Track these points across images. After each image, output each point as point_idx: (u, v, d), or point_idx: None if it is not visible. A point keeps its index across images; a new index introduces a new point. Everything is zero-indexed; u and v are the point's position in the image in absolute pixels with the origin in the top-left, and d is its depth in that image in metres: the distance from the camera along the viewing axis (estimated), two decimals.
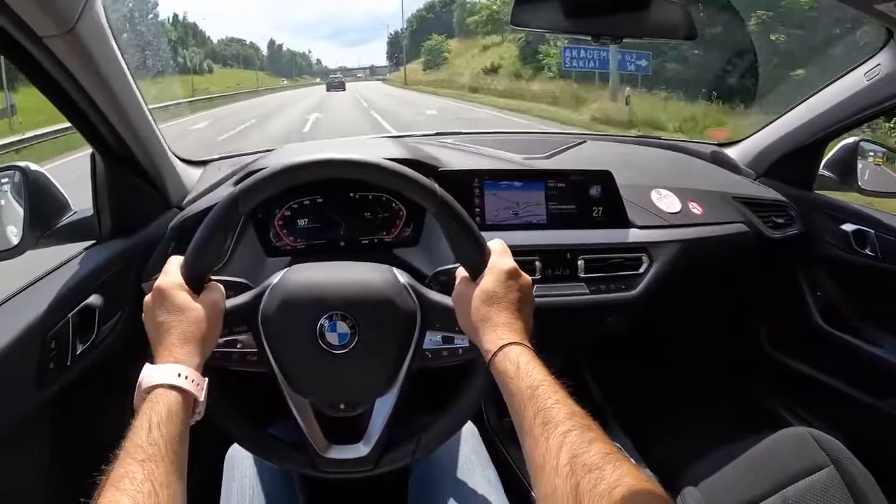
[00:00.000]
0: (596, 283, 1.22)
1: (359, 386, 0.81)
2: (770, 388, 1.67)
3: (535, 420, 0.57)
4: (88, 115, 0.96)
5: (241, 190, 0.73)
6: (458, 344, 0.79)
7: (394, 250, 1.20)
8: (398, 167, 0.75)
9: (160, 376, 0.63)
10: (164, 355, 0.66)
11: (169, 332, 0.68)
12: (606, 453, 0.52)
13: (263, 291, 0.79)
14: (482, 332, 0.69)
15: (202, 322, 0.70)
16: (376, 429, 0.81)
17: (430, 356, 0.79)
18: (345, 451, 0.82)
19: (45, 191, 1.06)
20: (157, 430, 0.58)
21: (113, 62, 0.93)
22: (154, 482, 0.53)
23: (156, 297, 0.71)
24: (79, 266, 1.02)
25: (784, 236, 1.44)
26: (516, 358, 0.64)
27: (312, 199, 1.19)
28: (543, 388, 0.60)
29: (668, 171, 1.48)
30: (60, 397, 0.91)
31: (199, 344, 0.69)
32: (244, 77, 69.65)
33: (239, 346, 0.78)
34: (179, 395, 0.63)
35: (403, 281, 0.80)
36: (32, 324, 0.86)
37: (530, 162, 1.36)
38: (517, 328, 0.69)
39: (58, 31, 0.79)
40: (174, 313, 0.69)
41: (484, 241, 0.75)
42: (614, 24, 1.04)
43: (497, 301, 0.70)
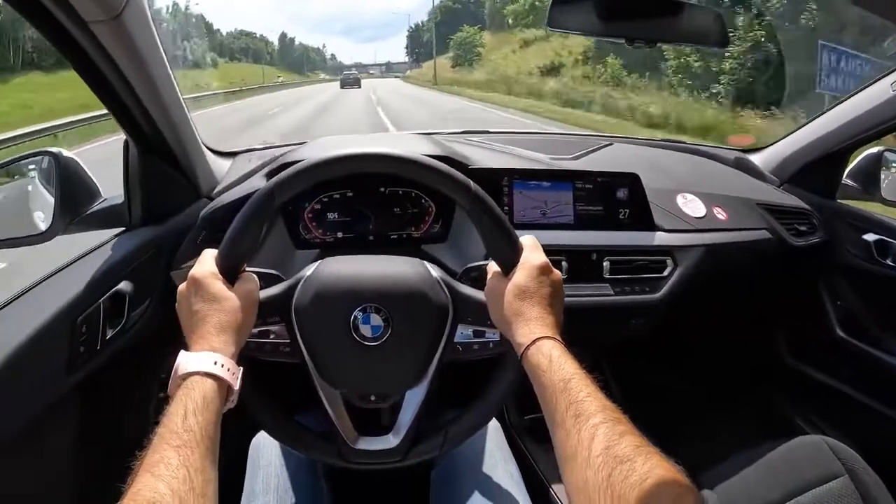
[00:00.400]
0: (621, 284, 1.22)
1: (390, 378, 0.82)
2: (787, 396, 1.67)
3: (567, 412, 0.58)
4: (126, 102, 0.97)
5: (278, 182, 0.74)
6: (488, 338, 0.80)
7: (422, 246, 1.21)
8: (433, 162, 0.75)
9: (196, 363, 0.64)
10: (199, 343, 0.67)
11: (205, 321, 0.69)
12: (637, 445, 0.53)
13: (297, 283, 0.79)
14: (515, 326, 0.70)
15: (238, 311, 0.70)
16: (406, 421, 0.82)
17: (461, 349, 0.80)
18: (374, 442, 0.83)
19: (75, 177, 1.07)
20: (192, 416, 0.59)
21: (154, 50, 0.94)
22: (189, 468, 0.54)
23: (191, 286, 0.71)
24: (109, 252, 1.03)
25: (806, 244, 1.43)
26: (549, 351, 0.65)
27: (343, 193, 1.20)
28: (575, 381, 0.61)
29: (694, 176, 1.49)
30: (90, 381, 0.92)
31: (234, 333, 0.69)
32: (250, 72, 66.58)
33: (272, 336, 0.79)
34: (215, 383, 0.63)
35: (436, 275, 0.81)
36: (64, 308, 0.87)
37: (558, 162, 1.36)
38: (549, 322, 0.70)
39: (104, 17, 0.79)
40: (210, 302, 0.70)
41: (516, 236, 0.76)
42: (648, 28, 1.05)
43: (529, 296, 0.71)
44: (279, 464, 0.97)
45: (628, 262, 1.23)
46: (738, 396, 1.75)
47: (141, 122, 1.02)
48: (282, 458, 0.98)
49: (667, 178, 1.41)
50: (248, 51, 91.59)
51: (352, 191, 1.20)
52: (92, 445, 0.97)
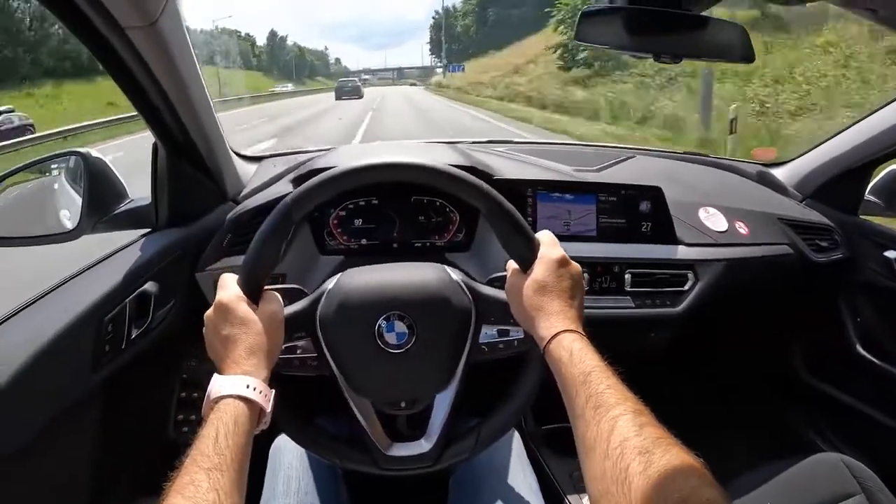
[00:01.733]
0: (642, 297, 1.22)
1: (418, 383, 0.83)
2: (805, 412, 1.66)
3: (587, 404, 0.58)
4: (157, 105, 0.98)
5: (294, 198, 0.75)
6: (513, 336, 0.80)
7: (446, 254, 1.21)
8: (443, 166, 0.76)
9: (229, 387, 0.65)
10: (231, 367, 0.67)
11: (235, 345, 0.69)
12: (657, 437, 0.53)
13: (320, 297, 0.80)
14: (536, 321, 0.70)
15: (265, 332, 0.71)
16: (437, 424, 0.82)
17: (487, 349, 0.81)
18: (407, 447, 0.83)
19: (103, 177, 1.09)
20: (224, 440, 0.59)
21: (187, 56, 0.96)
22: (219, 491, 0.54)
23: (218, 311, 0.72)
24: (136, 253, 1.05)
25: (827, 260, 1.43)
26: (570, 345, 0.65)
27: (368, 200, 1.21)
28: (596, 373, 0.61)
29: (716, 190, 1.48)
30: (114, 380, 0.93)
31: (264, 355, 0.70)
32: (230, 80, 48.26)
33: (299, 351, 0.80)
34: (247, 406, 0.64)
35: (456, 278, 0.81)
36: (91, 307, 0.89)
37: (581, 174, 1.37)
38: (570, 316, 0.70)
39: (141, 24, 0.81)
40: (238, 326, 0.70)
41: (532, 232, 0.76)
42: (674, 43, 1.04)
43: (549, 290, 0.71)
44: (300, 467, 0.98)
45: (650, 276, 1.23)
46: (755, 412, 1.74)
47: (171, 126, 1.04)
48: (302, 461, 0.98)
49: (689, 191, 1.41)
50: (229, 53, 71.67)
51: (377, 198, 1.20)
52: (114, 442, 0.98)
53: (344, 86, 38.82)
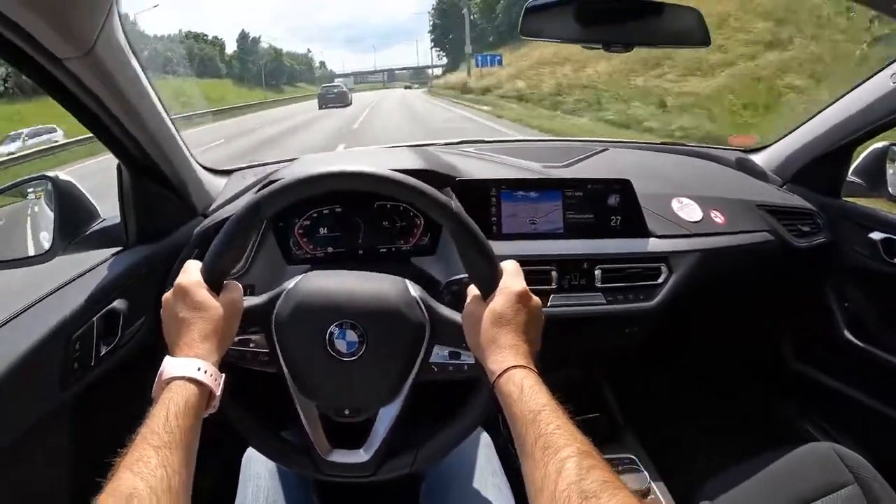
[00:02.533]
0: (613, 293, 1.21)
1: (364, 393, 0.83)
2: (794, 402, 1.63)
3: (535, 444, 0.58)
4: (112, 129, 0.99)
5: (264, 196, 0.75)
6: (464, 360, 0.79)
7: (411, 259, 1.22)
8: (416, 183, 0.76)
9: (181, 369, 0.66)
10: (183, 349, 0.69)
11: (189, 328, 0.70)
12: (604, 481, 0.52)
13: (279, 295, 0.81)
14: (488, 353, 0.70)
15: (221, 320, 0.72)
16: (378, 436, 0.82)
17: (437, 370, 0.80)
18: (346, 455, 0.84)
19: (73, 199, 1.11)
20: (174, 419, 0.60)
21: (134, 79, 0.97)
22: (167, 468, 0.56)
23: (176, 294, 0.73)
24: (105, 271, 1.06)
25: (810, 245, 1.40)
26: (520, 381, 0.65)
27: (332, 209, 1.21)
28: (546, 413, 0.60)
29: (691, 179, 1.46)
30: (83, 397, 0.95)
31: (217, 340, 0.71)
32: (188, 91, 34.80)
33: (252, 345, 0.81)
34: (197, 388, 0.65)
35: (415, 294, 0.81)
36: (59, 325, 0.90)
37: (549, 170, 1.36)
38: (522, 351, 0.69)
39: (76, 54, 0.82)
40: (195, 310, 0.71)
41: (497, 261, 0.76)
42: (627, 31, 1.03)
43: (505, 323, 0.71)
44: (269, 477, 0.98)
45: (620, 270, 1.22)
46: (743, 403, 1.72)
47: (129, 148, 1.05)
48: (272, 473, 0.99)
49: (662, 182, 1.39)
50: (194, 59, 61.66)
51: (341, 206, 1.21)
52: (85, 459, 0.99)
53: (328, 92, 33.63)
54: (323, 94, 32.88)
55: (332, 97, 31.91)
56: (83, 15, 0.80)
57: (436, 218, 0.77)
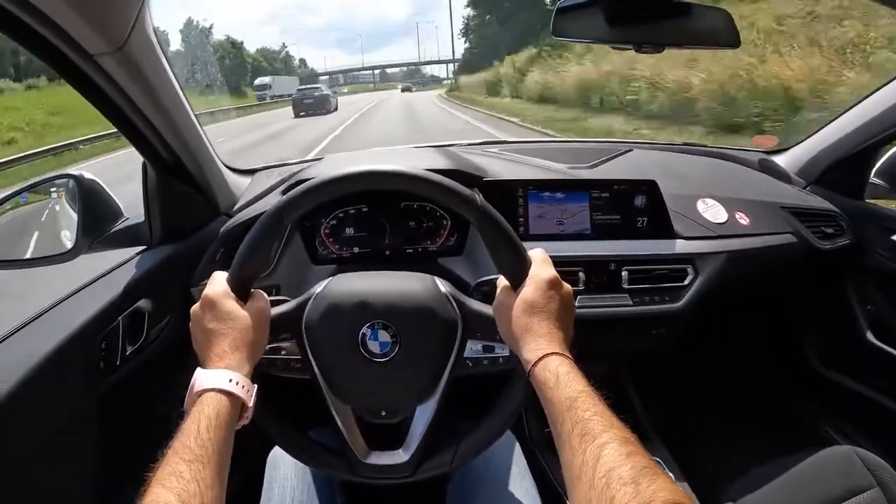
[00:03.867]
0: (640, 294, 1.20)
1: (399, 394, 0.82)
2: (816, 405, 1.62)
3: (573, 431, 0.57)
4: (139, 127, 0.99)
5: (286, 201, 0.75)
6: (498, 353, 0.79)
7: (438, 259, 1.21)
8: (439, 178, 0.75)
9: (212, 380, 0.66)
10: (214, 361, 0.68)
11: (219, 340, 0.70)
12: (643, 467, 0.52)
13: (308, 300, 0.80)
14: (522, 343, 0.69)
15: (251, 330, 0.72)
16: (416, 436, 0.82)
17: (471, 364, 0.80)
18: (384, 457, 0.83)
19: (97, 198, 1.11)
20: (206, 432, 0.60)
21: (163, 77, 0.96)
22: (200, 482, 0.55)
23: (204, 306, 0.73)
24: (130, 270, 1.06)
25: (833, 247, 1.39)
26: (556, 368, 0.64)
27: (358, 209, 1.21)
28: (582, 399, 0.60)
29: (715, 180, 1.45)
30: (109, 396, 0.94)
31: (248, 351, 0.71)
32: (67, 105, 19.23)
33: (283, 353, 0.80)
34: (229, 400, 0.65)
35: (445, 290, 0.81)
36: (85, 324, 0.90)
37: (574, 171, 1.35)
38: (557, 338, 0.69)
39: (109, 49, 0.82)
40: (224, 321, 0.71)
41: (524, 250, 0.75)
42: (657, 32, 1.03)
43: (538, 311, 0.70)
44: (295, 478, 0.98)
45: (647, 272, 1.21)
46: (765, 405, 1.71)
47: (156, 146, 1.05)
48: (298, 473, 0.99)
49: (687, 183, 1.39)
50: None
51: (367, 206, 1.20)
52: (110, 458, 0.99)
53: (304, 97, 25.97)
54: (298, 100, 25.83)
55: (311, 102, 25.27)
56: (117, 10, 0.80)
57: (461, 212, 0.76)
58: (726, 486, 1.11)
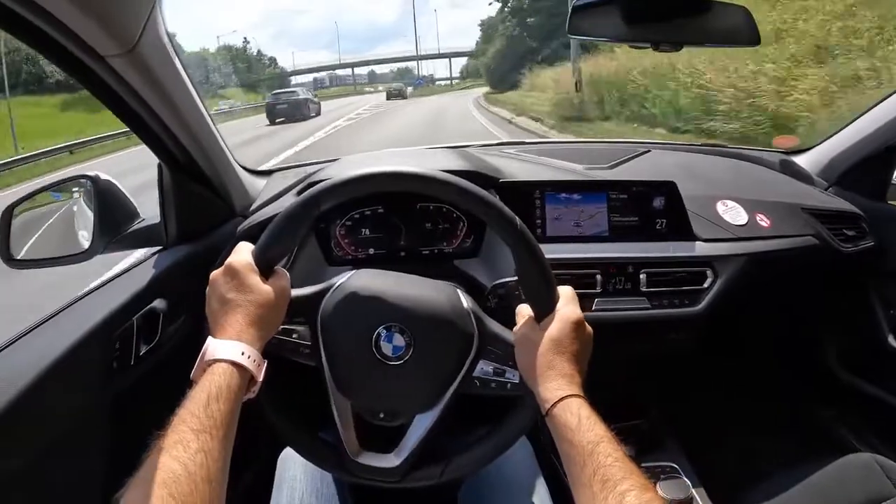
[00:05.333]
0: (658, 297, 1.18)
1: (403, 399, 0.82)
2: (836, 410, 1.59)
3: (594, 476, 0.58)
4: (153, 128, 1.00)
5: (328, 187, 0.75)
6: (507, 378, 0.78)
7: (454, 261, 1.21)
8: (485, 194, 0.74)
9: (224, 351, 0.65)
10: (228, 332, 0.68)
11: (236, 311, 0.70)
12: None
13: (329, 288, 0.80)
14: (543, 380, 0.69)
15: (269, 306, 0.71)
16: (410, 443, 0.81)
17: (479, 384, 0.79)
18: (375, 458, 0.83)
19: (113, 198, 1.11)
20: (214, 403, 0.60)
21: (176, 78, 0.97)
22: (206, 453, 0.55)
23: (227, 274, 0.72)
24: (145, 271, 1.07)
25: (855, 250, 1.36)
26: (577, 411, 0.64)
27: (374, 210, 1.20)
28: (604, 444, 0.60)
29: (735, 182, 1.43)
30: (122, 396, 0.95)
31: (262, 327, 0.70)
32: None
33: (295, 336, 0.80)
34: (239, 373, 0.65)
35: (467, 305, 0.80)
36: (100, 324, 0.90)
37: (592, 172, 1.33)
38: (576, 381, 0.69)
39: (120, 51, 0.82)
40: (244, 292, 0.71)
41: (556, 285, 0.75)
42: (675, 30, 1.01)
43: (563, 351, 0.70)
44: (305, 479, 0.98)
45: (666, 275, 1.19)
46: (784, 410, 1.68)
47: (171, 147, 1.05)
48: (308, 474, 0.99)
49: (706, 184, 1.36)
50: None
51: (383, 207, 1.20)
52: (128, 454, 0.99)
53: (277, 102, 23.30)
54: (271, 105, 23.20)
55: (284, 108, 22.54)
56: (128, 11, 0.80)
57: (498, 232, 0.76)
58: (744, 493, 1.10)
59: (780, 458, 1.15)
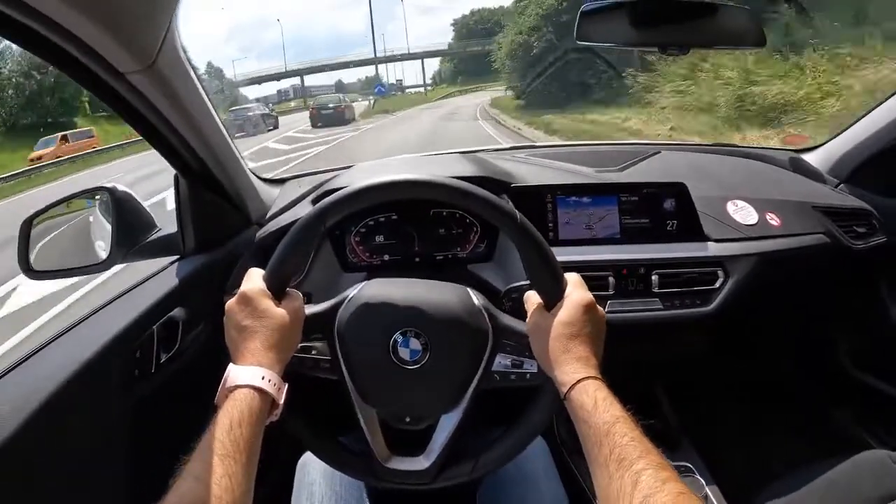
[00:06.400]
0: (671, 298, 1.19)
1: (426, 401, 0.83)
2: (850, 409, 1.58)
3: (610, 456, 0.58)
4: (171, 141, 1.01)
5: (328, 204, 0.76)
6: (526, 369, 0.79)
7: (468, 266, 1.22)
8: (483, 193, 0.76)
9: (245, 377, 0.67)
10: (247, 357, 0.70)
11: (253, 337, 0.72)
12: (679, 492, 0.53)
13: (342, 302, 0.82)
14: (558, 365, 0.70)
15: (284, 328, 0.73)
16: (438, 444, 0.83)
17: (499, 378, 0.80)
18: (405, 462, 0.84)
19: (131, 209, 1.13)
20: (238, 428, 0.62)
21: (193, 92, 0.98)
22: (231, 477, 0.57)
23: (241, 302, 0.74)
24: (163, 280, 1.08)
25: (867, 246, 1.36)
26: (594, 393, 0.65)
27: (388, 216, 1.22)
28: (620, 424, 0.61)
29: (745, 181, 1.44)
30: (144, 403, 0.96)
31: (280, 349, 0.72)
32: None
33: (314, 352, 0.81)
34: (261, 397, 0.66)
35: (479, 303, 0.81)
36: (120, 333, 0.92)
37: (603, 175, 1.34)
38: (592, 364, 0.70)
39: (139, 67, 0.83)
40: (259, 318, 0.73)
41: (562, 271, 0.76)
42: (682, 33, 1.03)
43: (576, 334, 0.71)
44: (324, 483, 0.99)
45: (678, 276, 1.20)
46: (797, 409, 1.68)
47: (188, 159, 1.07)
48: (327, 479, 1.00)
49: (716, 184, 1.37)
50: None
51: (397, 214, 1.22)
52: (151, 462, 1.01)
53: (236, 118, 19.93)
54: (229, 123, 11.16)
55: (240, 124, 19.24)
56: (145, 29, 0.81)
57: (501, 228, 0.77)
58: (758, 491, 1.10)
59: (793, 458, 1.15)
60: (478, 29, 51.76)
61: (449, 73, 59.46)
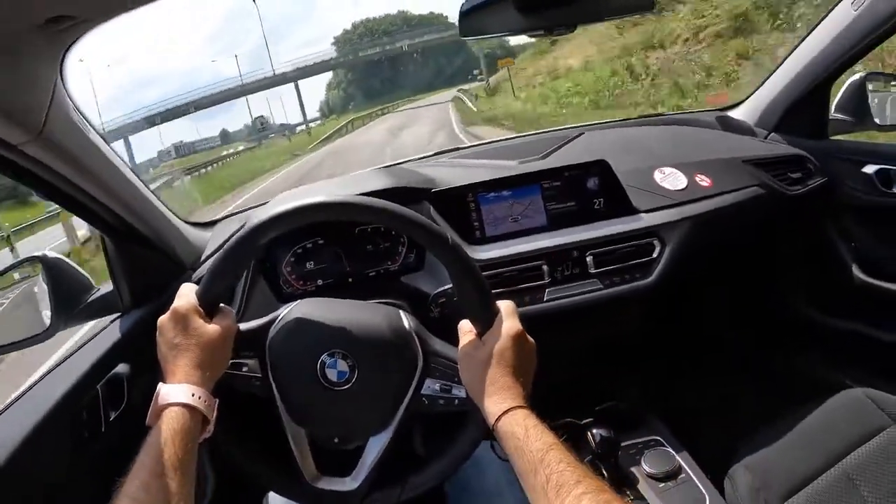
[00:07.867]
0: (609, 276, 1.18)
1: (354, 423, 0.83)
2: (818, 352, 1.58)
3: (547, 483, 0.59)
4: (85, 203, 1.00)
5: (259, 224, 0.77)
6: (455, 394, 0.80)
7: (401, 278, 1.21)
8: (413, 215, 0.76)
9: (175, 395, 0.68)
10: (178, 375, 0.71)
11: (184, 354, 0.73)
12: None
13: (273, 320, 0.83)
14: (487, 395, 0.71)
15: (215, 345, 0.75)
16: (366, 466, 0.83)
17: (427, 402, 0.81)
18: (334, 483, 0.84)
19: (65, 274, 1.12)
20: (171, 446, 0.63)
21: (93, 151, 0.97)
22: (168, 495, 0.58)
23: (171, 319, 0.76)
24: (104, 339, 1.08)
25: (805, 190, 1.37)
26: (523, 421, 0.66)
27: (314, 241, 1.21)
28: (554, 451, 0.62)
29: (671, 148, 1.44)
30: (98, 463, 0.95)
31: (211, 366, 0.74)
32: None
33: (244, 369, 0.82)
34: (192, 414, 0.68)
35: (409, 326, 0.82)
36: (62, 399, 0.91)
37: (525, 165, 1.34)
38: (518, 393, 0.70)
39: (29, 137, 0.82)
40: (190, 336, 0.74)
41: (494, 300, 0.77)
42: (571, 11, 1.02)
43: (505, 364, 0.72)
44: None
45: (612, 253, 1.19)
46: (765, 363, 1.67)
47: (106, 217, 1.06)
48: None
49: (642, 156, 1.37)
50: None
51: (322, 238, 1.21)
52: None
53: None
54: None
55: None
56: (27, 99, 0.80)
57: (431, 250, 0.78)
58: (733, 451, 1.09)
59: (766, 410, 1.14)
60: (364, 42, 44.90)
61: (338, 101, 52.12)
